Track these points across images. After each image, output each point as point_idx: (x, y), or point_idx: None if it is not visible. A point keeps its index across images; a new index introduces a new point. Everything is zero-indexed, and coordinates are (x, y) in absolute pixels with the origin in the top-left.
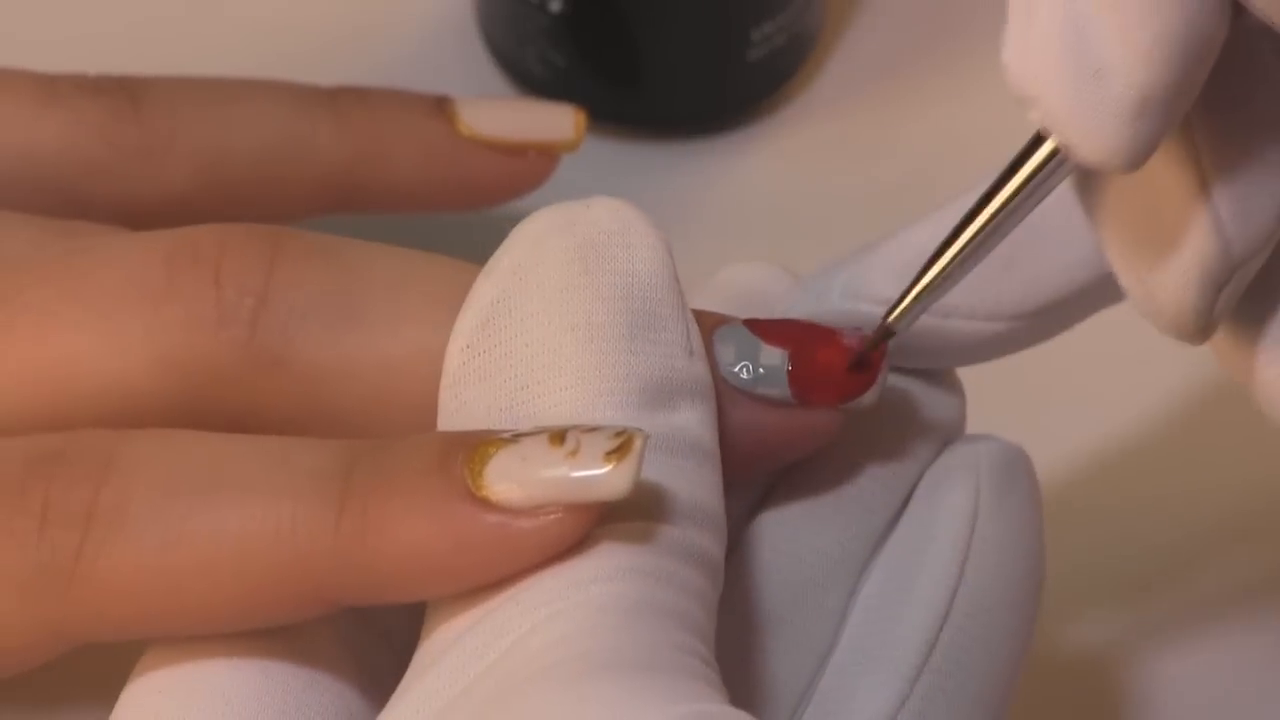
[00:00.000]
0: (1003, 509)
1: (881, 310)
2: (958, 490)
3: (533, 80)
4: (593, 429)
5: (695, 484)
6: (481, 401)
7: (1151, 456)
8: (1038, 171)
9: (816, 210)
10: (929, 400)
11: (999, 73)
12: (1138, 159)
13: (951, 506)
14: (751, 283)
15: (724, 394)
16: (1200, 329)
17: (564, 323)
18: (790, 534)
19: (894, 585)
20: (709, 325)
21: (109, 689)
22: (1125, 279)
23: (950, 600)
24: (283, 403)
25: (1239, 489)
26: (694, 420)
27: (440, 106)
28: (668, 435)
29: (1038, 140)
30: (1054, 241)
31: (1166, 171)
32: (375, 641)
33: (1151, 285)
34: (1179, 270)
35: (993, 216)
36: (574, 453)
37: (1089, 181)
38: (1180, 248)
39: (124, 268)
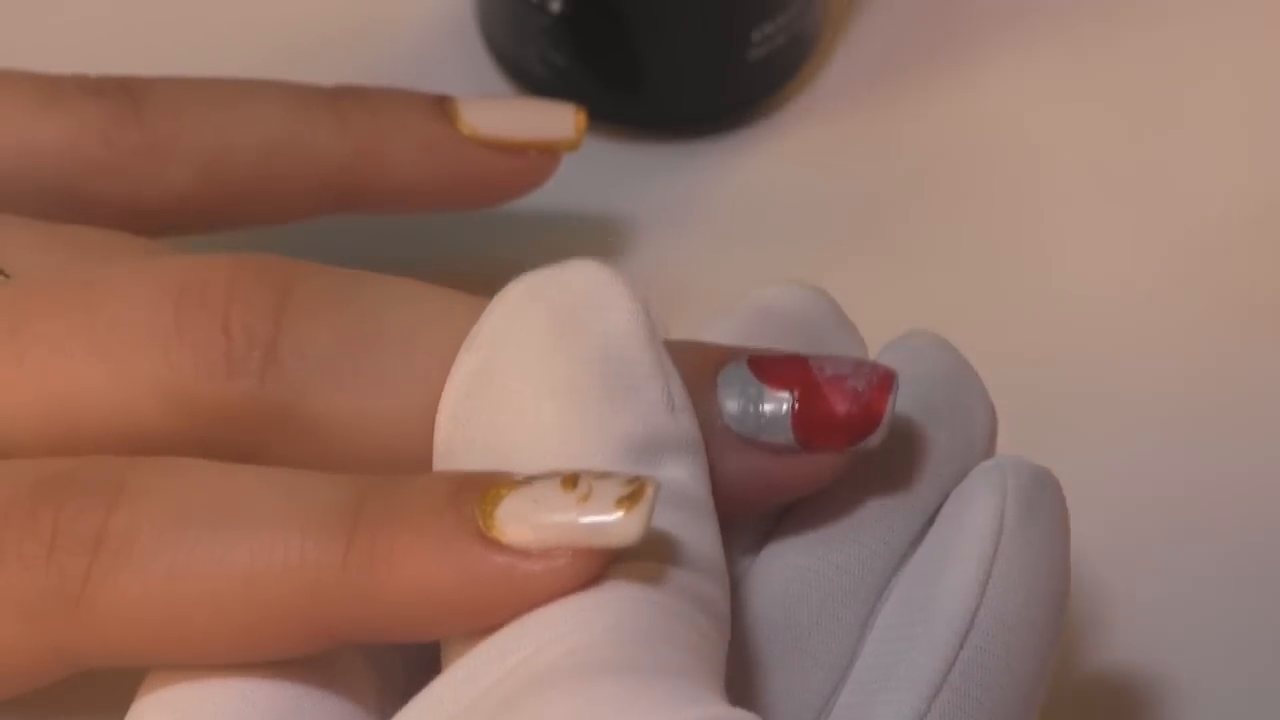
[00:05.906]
0: (1028, 529)
1: None
2: (983, 509)
3: (533, 80)
4: (605, 474)
5: (693, 536)
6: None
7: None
8: None
9: (816, 210)
10: (957, 418)
11: (999, 73)
12: None
13: (976, 525)
14: (788, 308)
15: (728, 441)
16: None
17: (544, 389)
18: (810, 549)
19: (915, 603)
20: (715, 362)
21: (114, 702)
22: None
23: (971, 619)
24: (291, 450)
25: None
26: (682, 475)
27: (441, 106)
28: None
29: None
30: None
31: None
32: (383, 675)
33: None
34: None
35: None
36: (586, 498)
37: None
38: None
39: (133, 305)
